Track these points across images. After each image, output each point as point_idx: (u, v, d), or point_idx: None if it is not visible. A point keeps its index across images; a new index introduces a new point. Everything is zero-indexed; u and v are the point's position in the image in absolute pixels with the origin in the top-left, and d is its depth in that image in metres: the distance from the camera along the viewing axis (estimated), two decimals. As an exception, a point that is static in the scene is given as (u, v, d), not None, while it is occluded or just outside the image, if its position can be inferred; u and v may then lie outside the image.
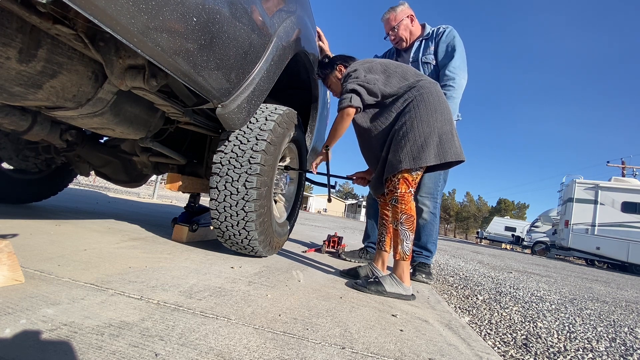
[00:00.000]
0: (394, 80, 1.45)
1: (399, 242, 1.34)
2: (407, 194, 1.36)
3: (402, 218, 1.34)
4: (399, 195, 1.35)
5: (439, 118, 1.37)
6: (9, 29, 0.83)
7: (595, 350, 1.33)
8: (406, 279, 1.35)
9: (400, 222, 1.34)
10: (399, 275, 1.34)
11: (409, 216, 1.35)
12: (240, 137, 1.39)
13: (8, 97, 0.99)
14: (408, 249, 1.34)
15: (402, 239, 1.34)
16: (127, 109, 1.30)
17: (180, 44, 0.87)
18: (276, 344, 0.71)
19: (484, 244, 22.23)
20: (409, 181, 1.37)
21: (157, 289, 0.91)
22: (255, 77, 1.26)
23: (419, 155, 1.33)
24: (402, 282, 1.33)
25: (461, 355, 0.85)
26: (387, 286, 1.32)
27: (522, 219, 38.59)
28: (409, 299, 1.33)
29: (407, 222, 1.34)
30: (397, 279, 1.34)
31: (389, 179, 1.41)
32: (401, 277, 1.34)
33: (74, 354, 0.54)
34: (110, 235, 1.56)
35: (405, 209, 1.34)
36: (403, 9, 2.06)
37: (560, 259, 12.71)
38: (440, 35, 2.03)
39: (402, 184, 1.36)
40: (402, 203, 1.35)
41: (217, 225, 1.44)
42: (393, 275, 1.36)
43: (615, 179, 11.59)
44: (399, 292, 1.32)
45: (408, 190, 1.36)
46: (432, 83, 1.45)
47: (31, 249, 1.10)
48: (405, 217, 1.34)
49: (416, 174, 1.39)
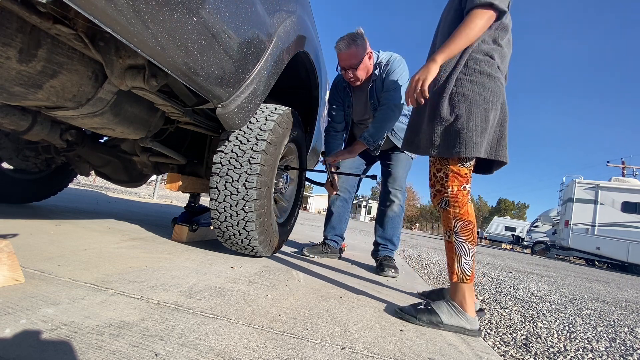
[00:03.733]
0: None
1: (455, 258, 1.04)
2: (462, 193, 1.04)
3: (457, 226, 1.04)
4: (451, 195, 1.05)
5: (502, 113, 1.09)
6: (9, 29, 0.83)
7: (595, 350, 1.33)
8: (469, 307, 1.02)
9: (454, 232, 1.04)
10: (459, 302, 1.03)
11: (467, 222, 1.03)
12: (240, 137, 1.39)
13: (8, 97, 0.99)
14: (469, 267, 1.02)
15: (458, 254, 1.03)
16: (127, 109, 1.30)
17: (180, 43, 0.87)
18: (276, 343, 0.71)
19: (484, 244, 22.22)
20: (461, 175, 1.05)
21: (157, 289, 0.91)
22: (255, 77, 1.26)
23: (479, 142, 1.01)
24: (465, 311, 1.02)
25: (461, 355, 0.85)
26: (443, 316, 1.01)
27: (522, 219, 38.59)
28: (474, 334, 1.01)
29: (463, 232, 1.03)
30: (457, 307, 1.02)
31: (432, 173, 1.11)
32: (462, 304, 1.02)
33: (74, 354, 0.54)
34: (110, 235, 1.56)
35: (461, 213, 1.03)
36: (363, 44, 1.78)
37: (560, 259, 12.71)
38: (384, 69, 1.86)
39: (453, 180, 1.05)
40: (455, 206, 1.04)
41: (217, 225, 1.44)
42: (451, 301, 1.04)
43: (615, 179, 11.60)
44: (460, 325, 1.00)
45: (462, 187, 1.05)
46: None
47: (31, 249, 1.10)
48: (462, 225, 1.03)
49: (470, 166, 1.07)
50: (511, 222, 25.94)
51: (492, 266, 4.63)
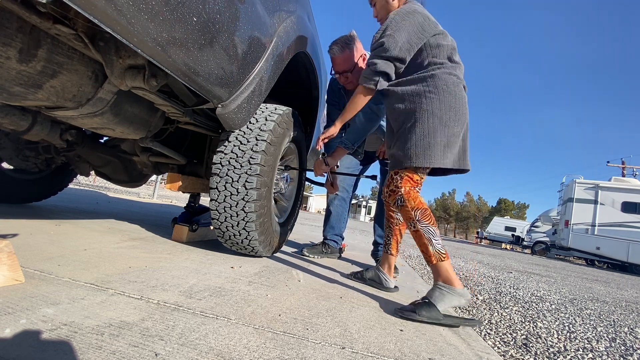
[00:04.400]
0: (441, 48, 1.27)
1: (426, 242, 1.13)
2: (412, 191, 1.21)
3: (417, 215, 1.16)
4: (403, 193, 1.20)
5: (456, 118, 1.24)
6: (9, 29, 0.83)
7: (595, 350, 1.33)
8: (456, 281, 1.11)
9: (417, 221, 1.16)
10: (446, 280, 1.11)
11: (424, 210, 1.17)
12: (240, 137, 1.39)
13: (8, 97, 0.99)
14: (441, 246, 1.13)
15: (428, 238, 1.14)
16: (127, 109, 1.30)
17: (180, 43, 0.87)
18: (276, 343, 0.71)
19: (484, 244, 22.22)
20: (415, 180, 1.23)
21: (157, 289, 0.91)
22: (255, 77, 1.26)
23: (430, 154, 1.18)
24: (452, 285, 1.10)
25: (461, 355, 0.85)
26: (439, 305, 1.07)
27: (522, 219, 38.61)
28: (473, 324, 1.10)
29: (424, 218, 1.16)
30: (446, 286, 1.10)
31: (390, 175, 1.29)
32: (449, 280, 1.11)
33: (74, 354, 0.54)
34: (110, 235, 1.56)
35: (416, 204, 1.18)
36: (357, 47, 1.74)
37: (560, 259, 12.72)
38: None
39: (406, 182, 1.22)
40: (410, 200, 1.19)
41: (217, 226, 1.44)
42: (439, 284, 1.12)
43: (615, 179, 11.60)
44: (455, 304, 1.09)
45: (413, 189, 1.22)
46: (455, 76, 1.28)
47: (31, 249, 1.10)
48: (421, 212, 1.16)
49: (422, 173, 1.25)
50: (511, 222, 25.95)
51: (492, 266, 4.63)
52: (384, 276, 1.46)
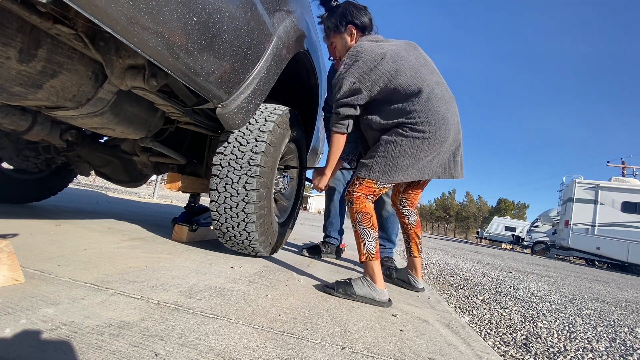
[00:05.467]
0: (402, 78, 1.28)
1: (360, 242, 1.25)
2: (362, 197, 1.28)
3: (358, 217, 1.26)
4: (355, 197, 1.28)
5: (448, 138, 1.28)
6: (9, 29, 0.83)
7: (595, 350, 1.33)
8: (379, 280, 1.22)
9: (358, 222, 1.26)
10: (370, 277, 1.23)
11: (365, 213, 1.26)
12: (240, 138, 1.39)
13: (8, 97, 0.99)
14: (372, 247, 1.23)
15: (363, 239, 1.25)
16: (127, 109, 1.30)
17: (180, 43, 0.87)
18: (276, 343, 0.71)
19: (484, 244, 22.22)
20: (371, 190, 1.29)
21: (157, 289, 0.91)
22: (255, 77, 1.26)
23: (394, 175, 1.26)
24: (375, 283, 1.21)
25: (461, 355, 0.85)
26: (357, 288, 1.20)
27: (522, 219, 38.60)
28: (382, 305, 1.20)
29: (364, 220, 1.26)
30: (369, 281, 1.22)
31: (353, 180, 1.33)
32: (372, 278, 1.22)
33: (74, 354, 0.54)
34: (110, 235, 1.56)
35: (360, 207, 1.26)
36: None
37: (560, 259, 12.72)
38: None
39: (360, 190, 1.28)
40: (356, 203, 1.27)
41: (217, 226, 1.44)
42: (365, 277, 1.24)
43: (615, 179, 11.60)
44: (370, 296, 1.19)
45: (364, 196, 1.28)
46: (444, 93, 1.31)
47: (31, 249, 1.10)
48: (362, 215, 1.26)
49: (381, 187, 1.30)
50: (511, 222, 25.95)
51: (492, 266, 4.63)
52: (413, 278, 1.58)
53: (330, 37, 1.51)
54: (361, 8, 1.47)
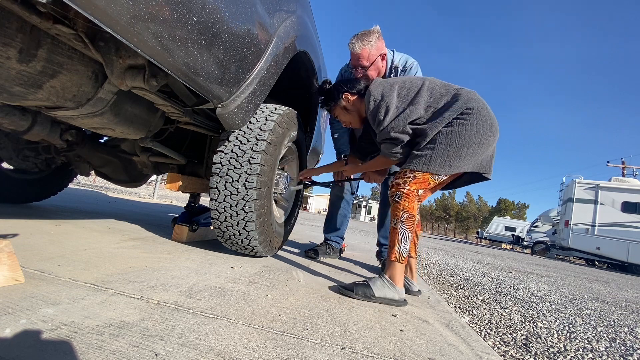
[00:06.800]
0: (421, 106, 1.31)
1: (396, 241, 1.24)
2: (414, 194, 1.26)
3: (403, 216, 1.24)
4: (405, 192, 1.25)
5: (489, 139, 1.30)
6: (9, 29, 0.83)
7: (595, 350, 1.33)
8: (399, 281, 1.24)
9: (400, 221, 1.24)
10: (391, 277, 1.24)
11: (411, 215, 1.25)
12: (240, 137, 1.39)
13: (8, 97, 0.99)
14: (406, 250, 1.24)
15: (400, 239, 1.24)
16: (127, 109, 1.30)
17: (180, 43, 0.87)
18: (276, 343, 0.71)
19: (484, 244, 22.22)
20: (426, 184, 1.27)
21: (157, 289, 0.91)
22: (255, 77, 1.26)
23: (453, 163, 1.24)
24: (395, 284, 1.23)
25: (461, 355, 0.85)
26: (375, 290, 1.20)
27: (522, 219, 38.60)
28: (400, 304, 1.22)
29: (408, 222, 1.24)
30: (389, 281, 1.23)
31: (402, 172, 1.30)
32: (393, 278, 1.23)
33: (74, 354, 0.54)
34: (110, 235, 1.56)
35: (409, 207, 1.24)
36: (377, 46, 1.73)
37: (560, 259, 12.71)
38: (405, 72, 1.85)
39: (414, 184, 1.26)
40: (406, 200, 1.24)
41: (217, 226, 1.44)
42: (384, 276, 1.25)
43: (615, 179, 11.60)
44: (390, 297, 1.21)
45: (416, 192, 1.26)
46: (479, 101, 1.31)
47: (31, 249, 1.10)
48: (407, 216, 1.24)
49: (438, 178, 1.28)
50: (511, 222, 25.94)
51: (492, 266, 4.63)
52: (408, 281, 1.52)
53: (332, 112, 1.57)
54: (353, 80, 1.53)
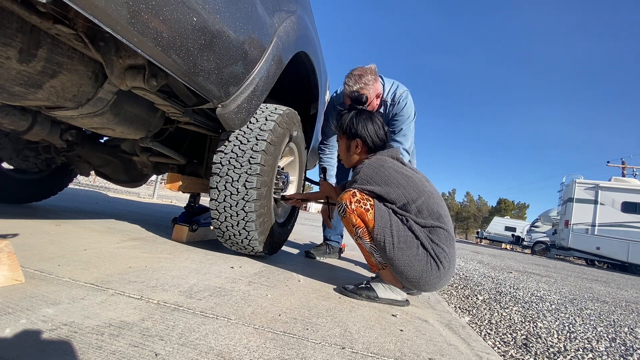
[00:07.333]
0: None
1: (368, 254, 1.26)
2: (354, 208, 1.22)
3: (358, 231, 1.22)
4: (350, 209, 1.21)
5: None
6: (9, 29, 0.83)
7: (595, 350, 1.33)
8: (398, 283, 1.25)
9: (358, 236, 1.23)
10: (389, 281, 1.26)
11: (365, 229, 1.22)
12: (240, 137, 1.39)
13: (8, 97, 0.99)
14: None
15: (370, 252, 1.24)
16: (127, 109, 1.30)
17: (180, 43, 0.87)
18: (276, 343, 0.71)
19: (484, 244, 22.23)
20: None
21: (157, 289, 0.91)
22: (255, 77, 1.26)
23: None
24: (396, 287, 1.25)
25: (461, 355, 0.85)
26: (379, 292, 1.23)
27: (522, 219, 38.60)
28: (403, 304, 1.25)
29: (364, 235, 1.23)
30: (389, 285, 1.26)
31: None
32: (391, 282, 1.26)
33: (74, 354, 0.54)
34: (110, 235, 1.56)
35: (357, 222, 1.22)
36: (375, 87, 1.69)
37: (560, 259, 12.72)
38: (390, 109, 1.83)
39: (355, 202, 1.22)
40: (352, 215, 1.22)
41: (217, 225, 1.44)
42: (383, 282, 1.27)
43: (615, 179, 11.60)
44: (393, 298, 1.24)
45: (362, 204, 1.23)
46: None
47: (31, 249, 1.10)
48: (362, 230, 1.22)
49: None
50: (511, 222, 25.94)
51: (492, 266, 4.63)
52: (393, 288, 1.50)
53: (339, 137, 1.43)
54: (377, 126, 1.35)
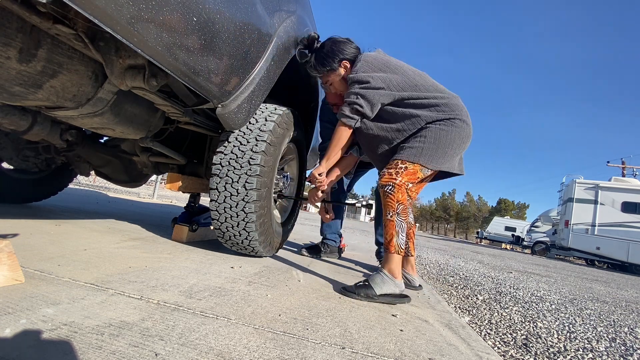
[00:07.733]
0: (415, 81, 1.36)
1: (393, 233, 1.23)
2: (405, 185, 1.27)
3: (399, 208, 1.25)
4: (398, 184, 1.25)
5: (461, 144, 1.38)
6: (9, 29, 0.83)
7: (595, 350, 1.33)
8: (398, 274, 1.25)
9: (397, 212, 1.24)
10: (390, 271, 1.24)
11: (405, 207, 1.26)
12: (240, 138, 1.39)
13: (8, 97, 0.99)
14: (403, 241, 1.24)
15: (397, 231, 1.24)
16: (127, 109, 1.30)
17: (180, 43, 0.87)
18: (276, 343, 0.71)
19: (484, 244, 22.22)
20: (415, 177, 1.29)
21: (157, 289, 0.91)
22: (255, 77, 1.26)
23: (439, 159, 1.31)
24: (395, 278, 1.23)
25: (461, 355, 0.85)
26: (377, 288, 1.21)
27: (522, 219, 38.60)
28: (403, 301, 1.24)
29: (403, 213, 1.25)
30: (389, 275, 1.23)
31: (393, 163, 1.31)
32: (392, 272, 1.23)
33: (74, 354, 0.54)
34: (110, 235, 1.56)
35: (402, 199, 1.25)
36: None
37: (560, 259, 12.71)
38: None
39: (405, 176, 1.27)
40: (399, 192, 1.25)
41: (217, 226, 1.44)
42: (383, 271, 1.25)
43: (615, 179, 11.60)
44: (391, 292, 1.22)
45: (407, 184, 1.27)
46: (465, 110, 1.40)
47: (31, 249, 1.10)
48: (402, 208, 1.25)
49: (425, 172, 1.33)
50: (511, 222, 25.96)
51: (492, 266, 4.63)
52: (410, 276, 1.60)
53: (326, 77, 1.53)
54: (346, 42, 1.50)
